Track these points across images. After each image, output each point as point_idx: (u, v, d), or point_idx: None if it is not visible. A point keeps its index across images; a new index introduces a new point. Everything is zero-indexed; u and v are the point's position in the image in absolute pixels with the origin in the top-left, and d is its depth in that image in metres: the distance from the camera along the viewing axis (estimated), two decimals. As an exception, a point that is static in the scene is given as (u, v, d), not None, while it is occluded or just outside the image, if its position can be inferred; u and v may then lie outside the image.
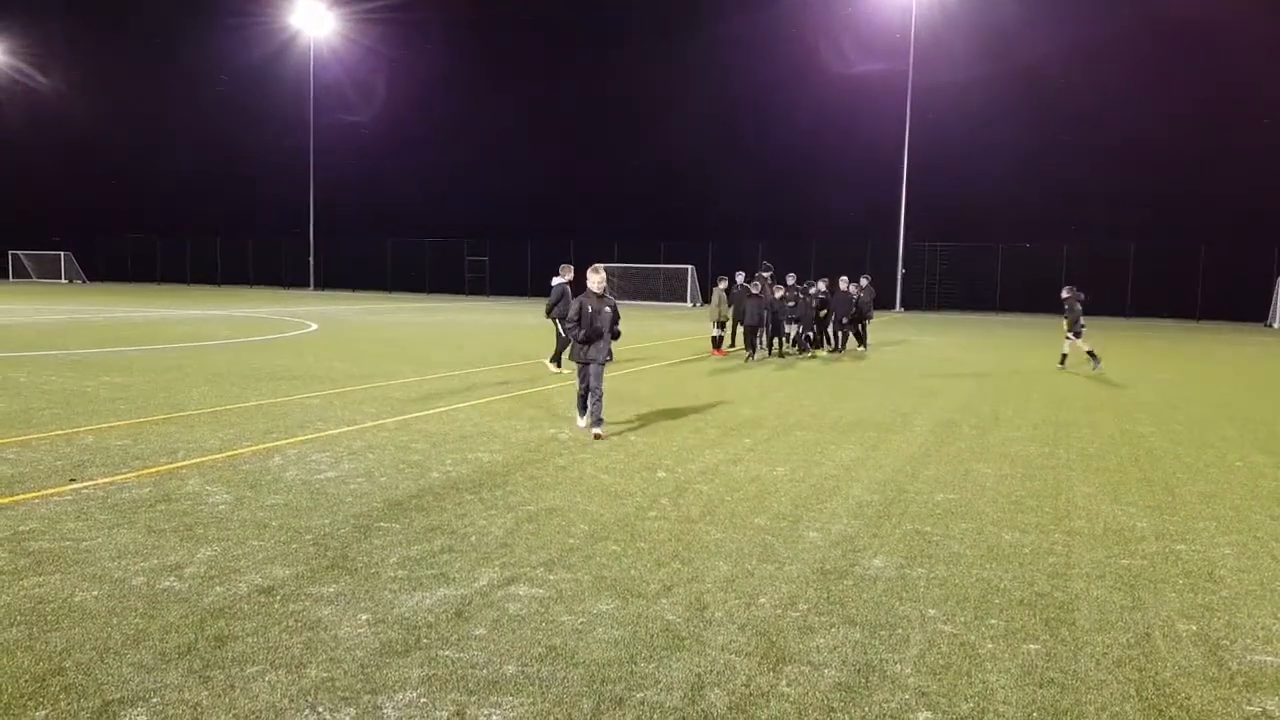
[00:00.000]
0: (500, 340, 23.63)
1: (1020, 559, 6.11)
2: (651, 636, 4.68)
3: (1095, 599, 5.39)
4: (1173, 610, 5.25)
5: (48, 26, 69.81)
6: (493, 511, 6.94)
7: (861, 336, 22.58)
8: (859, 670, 4.36)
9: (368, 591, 5.21)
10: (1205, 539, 6.69)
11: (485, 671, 4.25)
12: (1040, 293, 19.36)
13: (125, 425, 10.15)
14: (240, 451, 8.92)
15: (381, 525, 6.52)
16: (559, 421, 11.06)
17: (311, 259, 62.98)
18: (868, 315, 22.64)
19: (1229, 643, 4.81)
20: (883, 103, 50.63)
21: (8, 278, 69.87)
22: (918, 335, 29.80)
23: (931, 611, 5.12)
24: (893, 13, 50.64)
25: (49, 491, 7.20)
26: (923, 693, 4.15)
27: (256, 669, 4.21)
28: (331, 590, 5.22)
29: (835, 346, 21.82)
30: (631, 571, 5.66)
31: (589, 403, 10.17)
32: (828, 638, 4.72)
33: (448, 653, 4.43)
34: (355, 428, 10.35)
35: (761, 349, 20.45)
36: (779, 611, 5.06)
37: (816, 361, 19.70)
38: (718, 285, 21.14)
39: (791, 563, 5.90)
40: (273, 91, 64.87)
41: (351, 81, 62.81)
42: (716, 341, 21.06)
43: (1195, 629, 4.98)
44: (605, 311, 9.98)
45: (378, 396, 12.81)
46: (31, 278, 69.46)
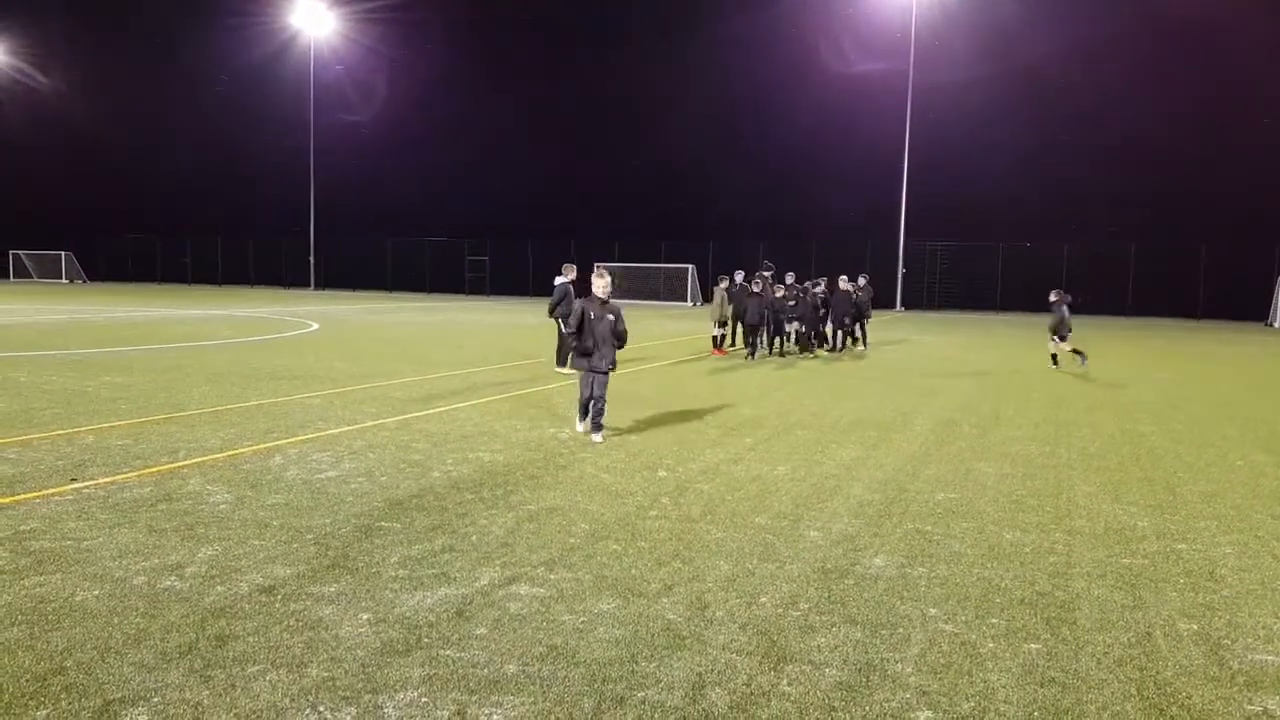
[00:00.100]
0: (500, 340, 23.63)
1: (1021, 558, 6.11)
2: (652, 636, 4.68)
3: (1096, 598, 5.39)
4: (1174, 609, 5.25)
5: (48, 26, 69.93)
6: (493, 511, 6.94)
7: (862, 336, 22.65)
8: (860, 669, 4.36)
9: (369, 591, 5.21)
10: (1206, 538, 6.69)
11: (486, 671, 4.25)
12: (1041, 292, 19.37)
13: (126, 425, 10.16)
14: (241, 451, 8.92)
15: (382, 525, 6.52)
16: (559, 421, 11.06)
17: (312, 259, 63.00)
18: (866, 314, 22.69)
19: (1230, 642, 4.81)
20: (883, 103, 50.65)
21: (8, 277, 69.89)
22: (918, 334, 29.80)
23: (932, 611, 5.12)
24: (893, 13, 50.66)
25: (50, 491, 7.21)
26: (924, 692, 4.15)
27: (257, 668, 4.21)
28: (332, 590, 5.22)
29: (834, 346, 21.84)
30: (632, 571, 5.66)
31: (590, 409, 9.96)
32: (829, 637, 4.73)
33: (449, 652, 4.43)
34: (356, 427, 10.36)
35: (762, 348, 20.47)
36: (780, 611, 5.06)
37: (817, 361, 19.70)
38: (719, 285, 21.14)
39: (792, 562, 5.90)
40: (273, 91, 64.92)
41: (352, 81, 62.88)
42: (717, 341, 21.07)
43: (1196, 628, 4.98)
44: (606, 319, 9.70)
45: (378, 396, 12.82)
46: (32, 277, 69.49)
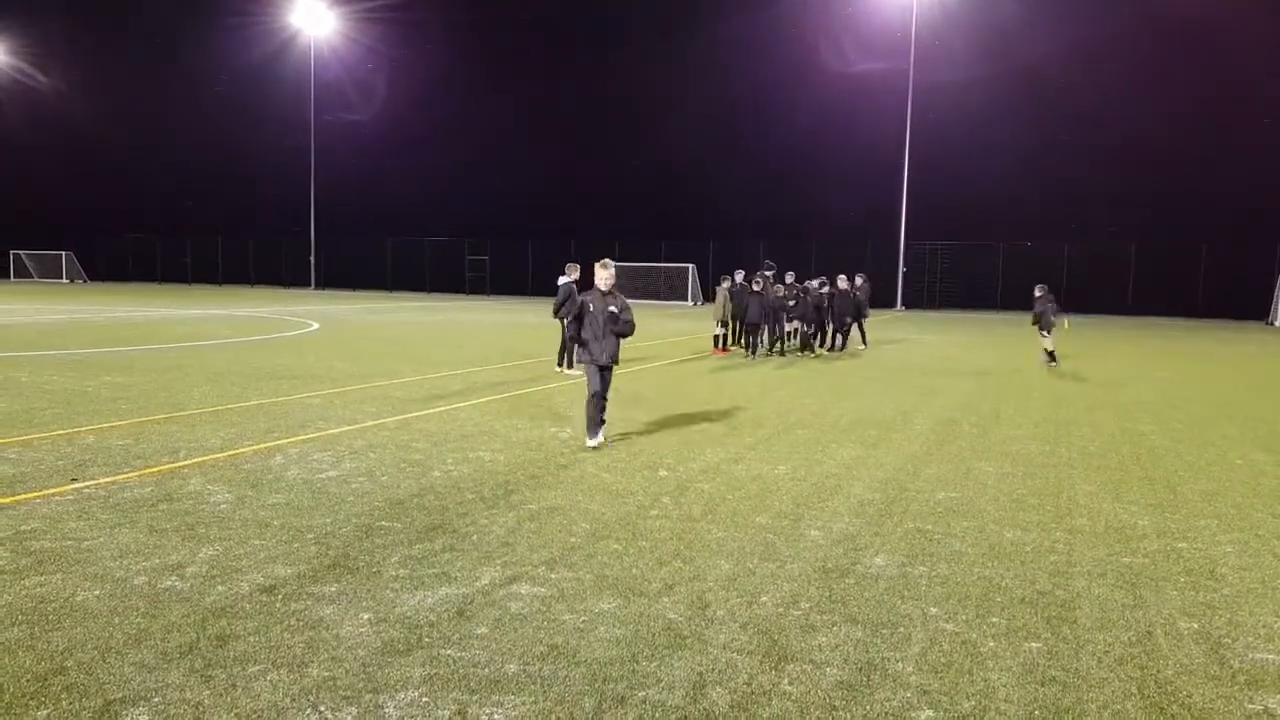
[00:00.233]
0: (501, 340, 23.63)
1: (1022, 557, 6.11)
2: (653, 635, 4.68)
3: (1097, 597, 5.39)
4: (1174, 608, 5.25)
5: (48, 26, 69.92)
6: (494, 510, 6.94)
7: (861, 334, 22.73)
8: (861, 669, 4.36)
9: (369, 591, 5.21)
10: (1207, 537, 6.69)
11: (487, 670, 4.25)
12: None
13: (126, 425, 10.16)
14: (241, 451, 8.92)
15: (383, 524, 6.52)
16: (560, 420, 11.06)
17: (312, 258, 63.00)
18: (864, 313, 22.79)
19: (1230, 641, 4.81)
20: (883, 103, 50.66)
21: (9, 277, 69.88)
22: (919, 334, 29.80)
23: (933, 610, 5.12)
24: (893, 12, 50.65)
25: (50, 491, 7.21)
26: (924, 691, 4.15)
27: (258, 668, 4.21)
28: (333, 589, 5.22)
29: (833, 345, 21.87)
30: (633, 570, 5.66)
31: (591, 409, 9.43)
32: (829, 636, 4.73)
33: (449, 652, 4.43)
34: (356, 427, 10.36)
35: (762, 347, 20.48)
36: (781, 610, 5.07)
37: (817, 361, 19.70)
38: (721, 284, 21.12)
39: (793, 561, 5.90)
40: (273, 91, 64.92)
41: (352, 81, 62.87)
42: (718, 340, 21.07)
43: (1197, 627, 4.98)
44: (608, 310, 9.32)
45: (378, 396, 12.82)
46: (32, 277, 69.48)
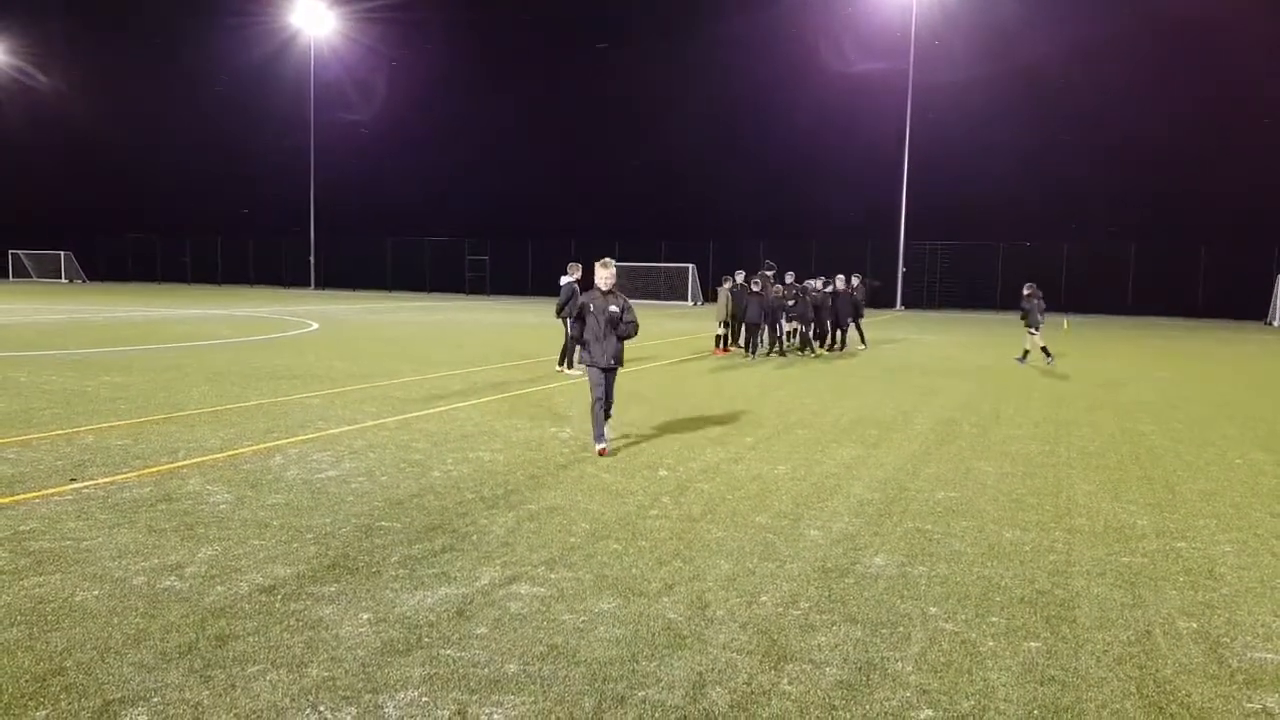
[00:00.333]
0: (501, 339, 23.63)
1: (1021, 557, 6.11)
2: (653, 635, 4.68)
3: (1096, 596, 5.39)
4: (1173, 608, 5.25)
5: (48, 26, 69.93)
6: (494, 510, 6.94)
7: (859, 334, 22.77)
8: (860, 668, 4.36)
9: (369, 591, 5.21)
10: (1206, 536, 6.69)
11: (487, 670, 4.25)
12: (1040, 291, 19.41)
13: (126, 425, 10.16)
14: (241, 451, 8.92)
15: (382, 524, 6.52)
16: (560, 420, 11.06)
17: (312, 258, 63.01)
18: (860, 313, 22.89)
19: (1229, 640, 4.81)
20: (883, 102, 50.68)
21: (8, 277, 69.88)
22: (918, 334, 29.80)
23: (933, 609, 5.12)
24: (893, 12, 50.67)
25: (49, 491, 7.21)
26: (924, 690, 4.15)
27: (257, 668, 4.21)
28: (333, 589, 5.22)
29: (833, 345, 21.90)
30: (633, 570, 5.66)
31: (596, 412, 9.16)
32: (829, 636, 4.73)
33: (449, 652, 4.43)
34: (356, 427, 10.35)
35: (762, 347, 20.49)
36: (780, 610, 5.07)
37: (817, 361, 19.71)
38: (723, 284, 21.11)
39: (793, 561, 5.90)
40: (273, 91, 64.95)
41: (352, 81, 62.87)
42: (719, 340, 21.08)
43: (1196, 626, 4.98)
44: (610, 310, 9.08)
45: (378, 396, 12.82)
46: (31, 277, 69.47)
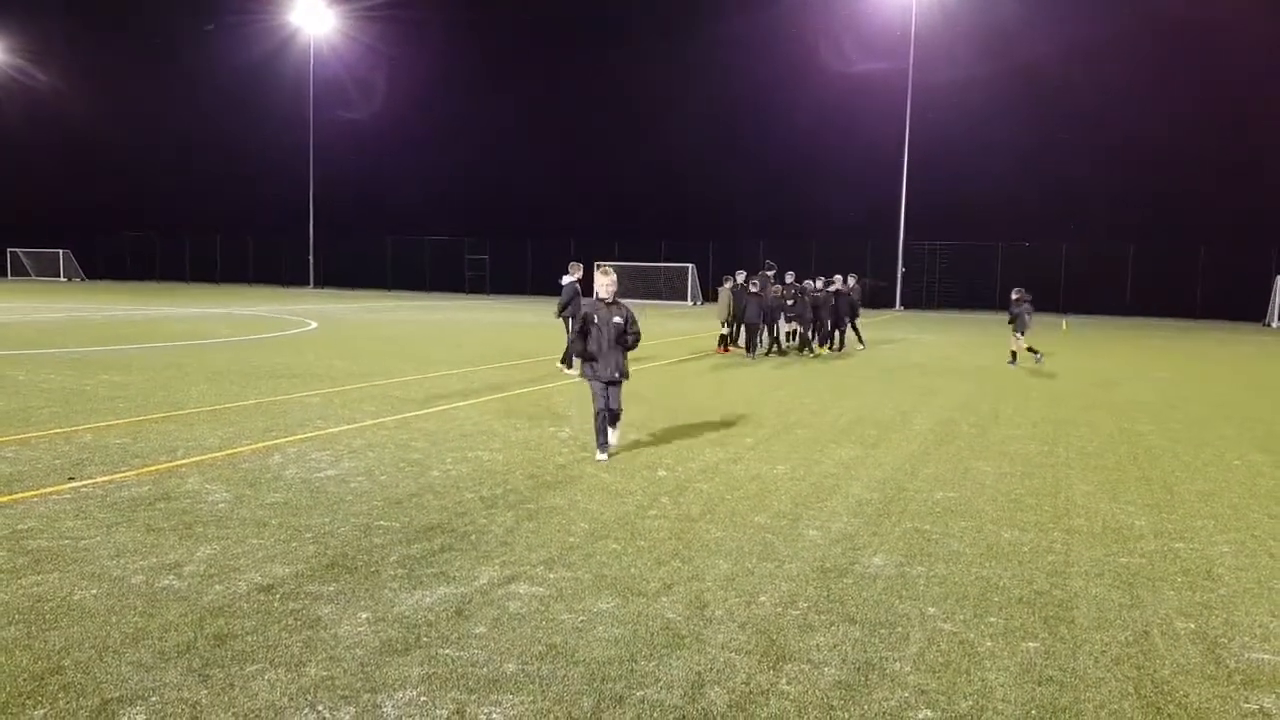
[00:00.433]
0: (500, 339, 23.63)
1: (1019, 557, 6.11)
2: (652, 635, 4.68)
3: (1094, 597, 5.40)
4: (1171, 608, 5.25)
5: (47, 25, 69.90)
6: (493, 510, 6.94)
7: (856, 334, 22.81)
8: (859, 668, 4.36)
9: (368, 590, 5.21)
10: (1203, 537, 6.70)
11: (485, 670, 4.25)
12: (1040, 292, 19.47)
13: (124, 423, 10.15)
14: (240, 450, 8.92)
15: (381, 524, 6.52)
16: (559, 420, 11.06)
17: (311, 257, 63.00)
18: (857, 313, 22.99)
19: (1227, 640, 4.81)
20: (883, 102, 50.68)
21: (6, 275, 69.86)
22: (917, 334, 29.81)
23: (931, 609, 5.12)
24: (893, 12, 50.68)
25: (48, 490, 7.20)
26: (922, 690, 4.15)
27: (256, 667, 4.21)
28: (331, 589, 5.22)
29: (832, 344, 21.92)
30: (632, 570, 5.67)
31: (599, 423, 8.89)
32: (827, 636, 4.73)
33: (448, 651, 4.43)
34: (355, 426, 10.35)
35: (762, 347, 20.50)
36: (779, 610, 5.07)
37: (817, 361, 19.72)
38: (724, 284, 21.11)
39: (791, 561, 5.91)
40: (272, 89, 64.92)
41: (351, 79, 62.86)
42: (723, 340, 21.09)
43: (1193, 627, 4.98)
44: (614, 322, 8.79)
45: (377, 395, 12.82)
46: (30, 275, 69.45)
